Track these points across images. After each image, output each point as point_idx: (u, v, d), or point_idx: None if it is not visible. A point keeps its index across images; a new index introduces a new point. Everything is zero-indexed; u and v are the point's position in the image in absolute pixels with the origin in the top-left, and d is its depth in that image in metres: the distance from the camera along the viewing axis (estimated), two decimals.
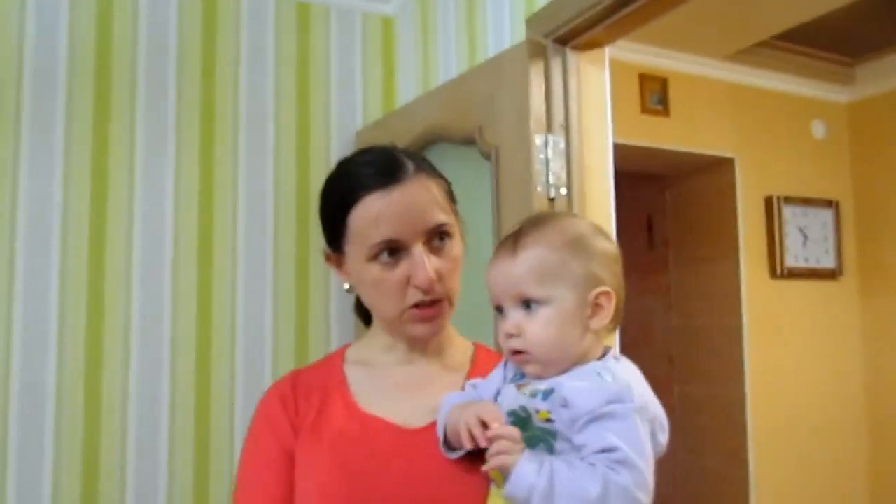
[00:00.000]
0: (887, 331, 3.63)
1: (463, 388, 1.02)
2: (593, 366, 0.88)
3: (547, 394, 0.84)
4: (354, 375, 1.03)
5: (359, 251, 0.97)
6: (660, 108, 3.22)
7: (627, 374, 0.87)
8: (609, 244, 0.94)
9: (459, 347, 1.09)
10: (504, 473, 0.81)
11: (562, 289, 0.88)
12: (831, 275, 3.67)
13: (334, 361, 1.07)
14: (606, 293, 0.89)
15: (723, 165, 3.45)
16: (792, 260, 3.53)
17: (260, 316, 2.08)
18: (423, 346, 1.04)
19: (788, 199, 3.55)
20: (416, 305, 0.97)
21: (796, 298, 3.55)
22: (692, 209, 3.62)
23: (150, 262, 1.98)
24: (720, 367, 3.35)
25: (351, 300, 1.11)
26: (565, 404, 0.82)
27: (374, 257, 0.96)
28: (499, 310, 0.92)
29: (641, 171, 3.61)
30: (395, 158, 1.00)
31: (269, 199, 2.13)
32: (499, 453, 0.81)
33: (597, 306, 0.89)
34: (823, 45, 3.50)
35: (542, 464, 0.80)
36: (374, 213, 0.95)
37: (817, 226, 3.64)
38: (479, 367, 1.06)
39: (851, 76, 3.78)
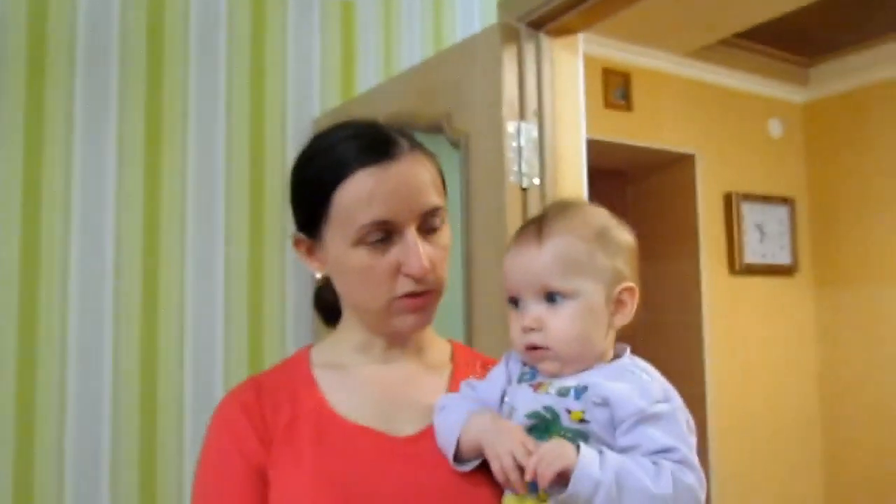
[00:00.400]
0: (840, 325, 3.69)
1: (448, 390, 0.93)
2: (623, 364, 0.82)
3: (579, 392, 0.77)
4: (326, 380, 0.92)
5: (343, 234, 0.87)
6: (623, 102, 3.19)
7: (656, 373, 0.82)
8: (629, 236, 0.87)
9: (438, 345, 1.00)
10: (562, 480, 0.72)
11: (589, 282, 0.81)
12: (787, 270, 3.71)
13: (299, 364, 0.95)
14: (630, 289, 0.84)
15: (684, 162, 3.44)
16: (750, 256, 3.55)
17: (210, 315, 1.94)
18: (403, 344, 0.94)
19: (747, 196, 3.57)
20: (406, 295, 0.88)
21: (754, 294, 3.58)
22: (653, 205, 3.61)
23: (88, 262, 1.80)
24: (681, 362, 3.34)
25: (309, 298, 1.01)
26: (605, 403, 0.76)
27: (361, 241, 0.86)
28: (514, 302, 0.85)
29: (603, 166, 3.58)
30: (385, 133, 0.90)
31: (220, 191, 2.00)
32: (552, 462, 0.72)
33: (620, 303, 0.83)
34: (781, 45, 3.53)
35: (603, 457, 0.73)
36: (366, 191, 0.84)
37: (774, 222, 3.67)
38: (460, 366, 0.98)
39: (807, 77, 3.82)
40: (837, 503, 3.67)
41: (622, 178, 3.71)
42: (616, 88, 3.17)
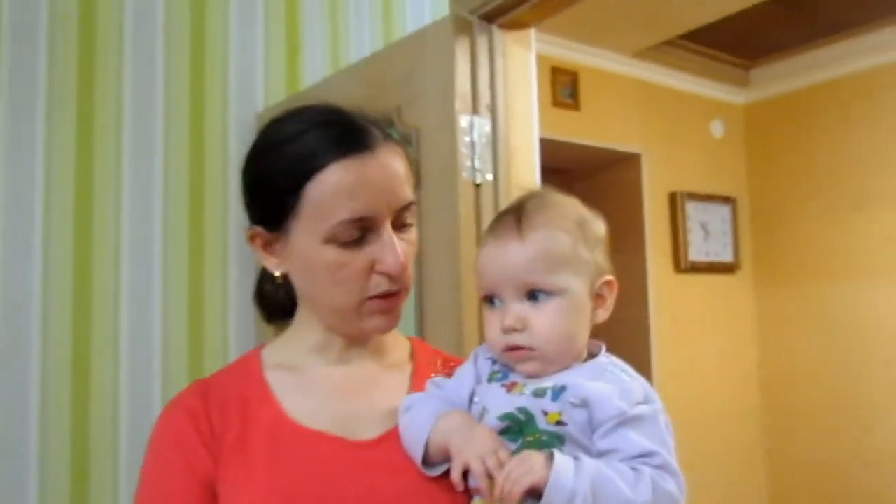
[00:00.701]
0: (779, 321, 3.78)
1: (410, 389, 0.88)
2: (601, 363, 0.79)
3: (557, 392, 0.73)
4: (279, 382, 0.86)
5: (313, 229, 0.80)
6: (571, 101, 3.19)
7: (634, 373, 0.79)
8: (603, 227, 0.85)
9: (397, 343, 0.95)
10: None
11: (573, 277, 0.78)
12: (729, 268, 3.78)
13: (249, 367, 0.89)
14: (610, 283, 0.81)
15: (630, 161, 3.47)
16: (694, 254, 3.60)
17: (147, 313, 1.84)
18: (363, 344, 0.89)
19: (691, 196, 3.62)
20: (378, 295, 0.83)
21: (698, 291, 3.64)
22: (600, 204, 3.55)
23: (16, 260, 1.70)
24: (629, 358, 3.32)
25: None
26: (583, 405, 0.72)
27: (334, 237, 0.80)
28: (490, 300, 0.80)
29: (552, 164, 3.58)
30: (358, 122, 0.84)
31: (159, 186, 1.90)
32: (519, 479, 0.68)
33: (600, 297, 0.81)
34: (723, 47, 3.60)
35: (579, 465, 0.68)
36: (345, 185, 0.79)
37: (717, 221, 3.74)
38: (421, 364, 0.93)
39: (747, 79, 3.91)
40: (779, 494, 3.76)
41: (570, 177, 3.72)
42: (564, 87, 3.18)
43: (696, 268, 3.62)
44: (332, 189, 0.79)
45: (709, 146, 3.80)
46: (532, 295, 0.77)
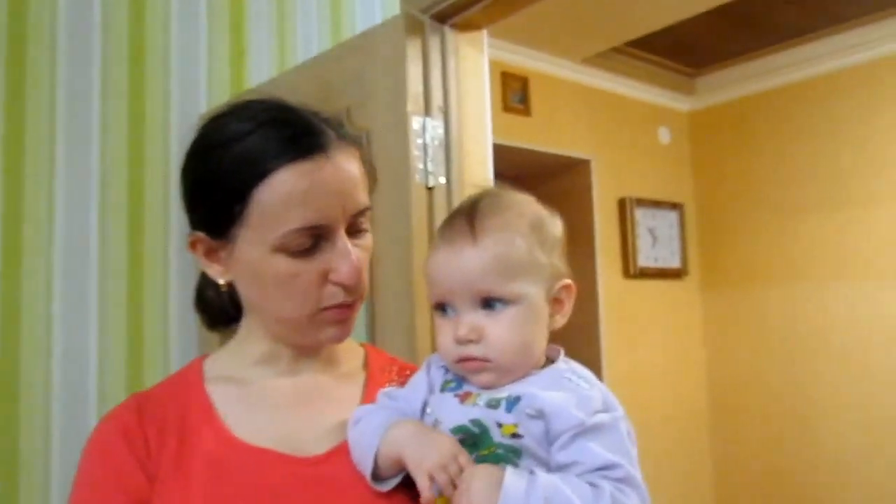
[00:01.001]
0: (726, 326, 3.85)
1: (363, 401, 0.83)
2: (559, 370, 0.75)
3: (511, 403, 0.69)
4: (222, 396, 0.81)
5: (262, 237, 0.75)
6: (521, 106, 3.19)
7: (594, 379, 0.75)
8: (560, 227, 0.80)
9: (350, 351, 0.90)
10: None
11: (530, 284, 0.73)
12: (677, 274, 3.83)
13: (189, 380, 0.83)
14: (568, 286, 0.77)
15: (580, 167, 3.49)
16: (643, 260, 3.63)
17: (83, 327, 1.75)
18: (314, 354, 0.84)
19: (640, 202, 3.66)
20: (333, 306, 0.78)
21: (647, 297, 3.67)
22: (551, 209, 3.63)
23: None
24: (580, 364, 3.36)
25: (190, 306, 0.89)
26: (539, 416, 0.68)
27: (285, 246, 0.75)
28: (441, 308, 0.75)
29: (503, 170, 3.57)
30: (309, 121, 0.78)
31: (95, 195, 1.80)
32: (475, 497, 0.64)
33: (558, 302, 0.77)
34: (670, 55, 3.65)
35: (532, 483, 0.64)
36: (297, 191, 0.73)
37: (664, 227, 3.78)
38: (375, 373, 0.88)
39: (693, 86, 3.98)
40: (726, 497, 3.82)
41: (521, 183, 3.71)
42: (514, 93, 3.17)
43: (645, 273, 3.65)
44: (283, 195, 0.74)
45: (656, 153, 3.85)
46: (487, 303, 0.73)
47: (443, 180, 1.50)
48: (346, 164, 0.78)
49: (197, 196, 0.80)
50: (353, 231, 0.79)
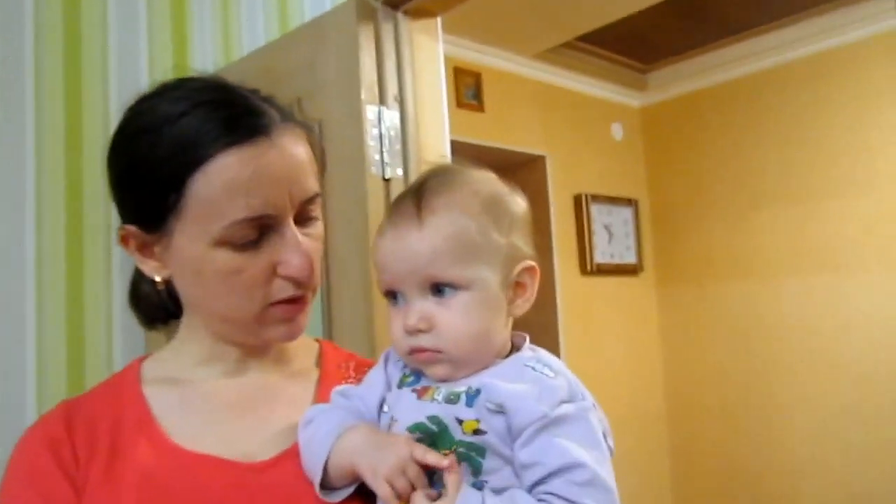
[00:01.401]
0: (682, 323, 3.87)
1: (316, 400, 0.78)
2: (520, 358, 0.69)
3: (472, 397, 0.64)
4: (161, 400, 0.74)
5: (202, 230, 0.68)
6: (475, 102, 3.16)
7: (562, 366, 0.69)
8: (523, 204, 0.75)
9: (303, 347, 0.84)
10: None
11: (483, 267, 0.68)
12: (633, 270, 3.84)
13: (125, 383, 0.76)
14: (531, 269, 0.72)
15: (535, 163, 3.47)
16: (599, 256, 3.63)
17: (19, 330, 1.64)
18: (264, 352, 0.78)
19: (595, 198, 3.65)
20: (281, 301, 0.72)
21: (604, 294, 3.67)
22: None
23: None
24: None
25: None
26: (500, 410, 0.63)
27: (227, 239, 0.68)
28: (391, 296, 0.70)
29: None
30: (249, 101, 0.72)
31: (30, 183, 1.69)
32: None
33: (519, 286, 0.71)
34: (621, 49, 3.66)
35: None
36: (240, 179, 0.67)
37: (620, 223, 3.79)
38: (330, 370, 0.83)
39: (645, 82, 4.00)
40: (685, 495, 3.84)
41: None
42: (468, 88, 3.13)
43: (602, 270, 3.65)
44: (224, 184, 0.67)
45: (610, 148, 3.86)
46: (437, 289, 0.68)
47: (400, 172, 1.45)
48: (291, 148, 0.72)
49: (126, 186, 0.73)
50: (303, 220, 0.74)
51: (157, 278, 0.75)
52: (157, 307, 0.80)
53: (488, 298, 0.68)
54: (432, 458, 0.61)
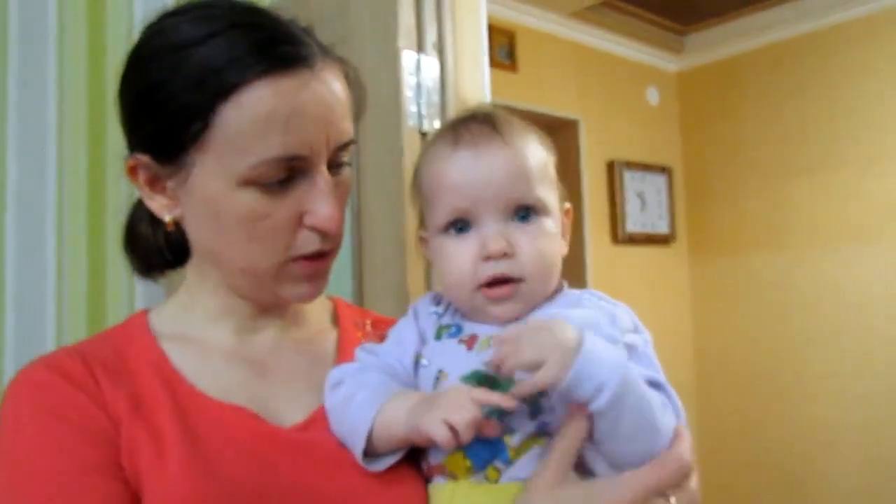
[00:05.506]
0: (711, 292, 3.77)
1: (337, 360, 0.72)
2: (571, 293, 0.69)
3: None
4: (178, 354, 0.67)
5: (226, 167, 0.61)
6: (508, 62, 3.04)
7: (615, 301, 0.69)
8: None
9: (318, 305, 0.78)
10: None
11: (552, 195, 0.68)
12: (665, 240, 3.74)
13: (135, 334, 0.69)
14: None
15: (568, 127, 3.36)
16: (631, 226, 3.53)
17: (40, 262, 1.57)
18: (278, 312, 0.72)
19: (628, 165, 3.54)
20: (305, 256, 0.65)
21: (635, 263, 3.58)
22: None
23: None
24: None
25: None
26: None
27: (255, 180, 0.62)
28: (455, 225, 0.65)
29: None
30: (286, 27, 0.64)
31: (52, 109, 1.61)
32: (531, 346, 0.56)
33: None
34: (659, 9, 3.51)
35: (615, 351, 0.58)
36: (278, 113, 0.60)
37: (653, 192, 3.68)
38: (347, 328, 0.77)
39: (682, 45, 3.85)
40: (712, 467, 3.77)
41: None
42: (501, 47, 3.02)
43: (633, 239, 3.55)
44: (257, 116, 0.60)
45: (645, 114, 3.73)
46: (520, 213, 0.65)
47: (437, 125, 1.37)
48: (331, 85, 0.64)
49: (141, 111, 0.65)
50: (333, 166, 0.67)
51: (167, 218, 0.67)
52: (154, 253, 0.74)
53: (557, 227, 0.68)
54: (496, 398, 0.57)
